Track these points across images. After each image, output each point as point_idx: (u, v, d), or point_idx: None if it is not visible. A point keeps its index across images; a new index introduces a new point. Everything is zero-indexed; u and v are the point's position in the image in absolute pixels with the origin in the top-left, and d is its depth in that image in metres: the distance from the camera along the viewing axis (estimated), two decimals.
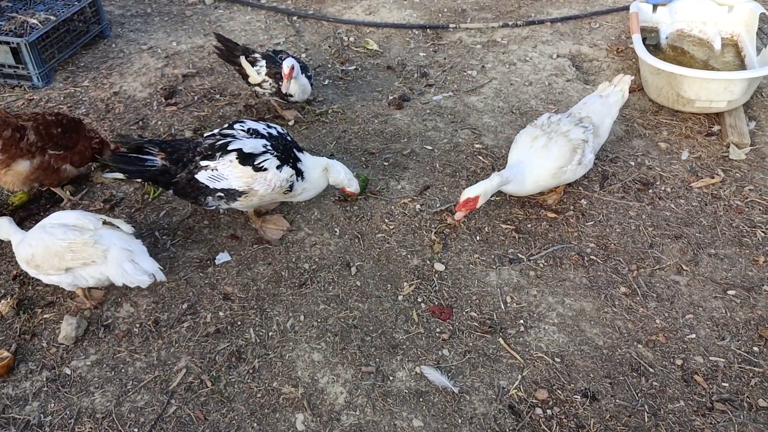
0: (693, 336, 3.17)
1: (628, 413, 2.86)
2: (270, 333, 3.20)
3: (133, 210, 3.89)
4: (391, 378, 3.00)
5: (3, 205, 3.89)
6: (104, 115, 4.69)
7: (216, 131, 3.50)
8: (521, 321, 3.25)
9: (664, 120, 4.62)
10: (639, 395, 2.93)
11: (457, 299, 3.36)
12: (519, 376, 3.00)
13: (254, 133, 3.45)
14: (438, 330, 3.21)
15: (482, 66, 5.29)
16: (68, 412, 2.87)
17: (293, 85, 4.24)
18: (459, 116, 4.72)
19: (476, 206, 3.48)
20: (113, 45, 5.55)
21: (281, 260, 3.58)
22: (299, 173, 3.46)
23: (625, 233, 3.73)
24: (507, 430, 2.80)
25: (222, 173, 3.31)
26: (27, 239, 3.09)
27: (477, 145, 4.41)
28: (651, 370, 3.02)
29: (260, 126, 3.51)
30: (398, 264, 3.56)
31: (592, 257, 3.58)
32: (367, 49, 5.54)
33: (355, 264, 3.55)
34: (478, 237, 3.71)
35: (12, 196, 3.91)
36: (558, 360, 3.07)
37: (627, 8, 5.76)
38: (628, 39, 5.52)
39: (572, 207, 3.90)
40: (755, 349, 3.11)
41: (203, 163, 3.32)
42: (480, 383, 2.98)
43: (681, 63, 4.64)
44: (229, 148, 3.32)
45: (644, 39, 4.71)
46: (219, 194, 3.36)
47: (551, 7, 6.15)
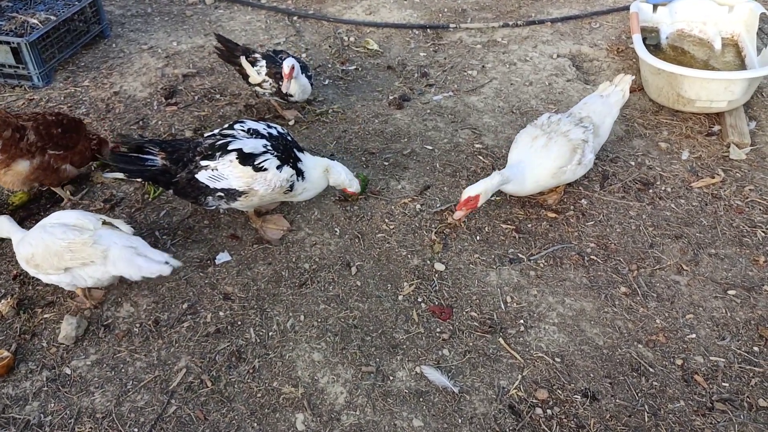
0: (693, 336, 3.17)
1: (628, 413, 2.86)
2: (270, 333, 3.20)
3: (133, 210, 3.89)
4: (391, 378, 3.00)
5: (3, 205, 3.89)
6: (104, 115, 4.69)
7: (216, 131, 3.50)
8: (521, 321, 3.25)
9: (665, 120, 4.62)
10: (639, 395, 2.92)
11: (458, 299, 3.36)
12: (519, 376, 3.00)
13: (254, 133, 3.45)
14: (438, 330, 3.21)
15: (482, 66, 5.29)
16: (68, 412, 2.87)
17: (293, 85, 4.24)
18: (459, 116, 4.72)
19: (477, 205, 3.48)
20: (113, 45, 5.55)
21: (281, 260, 3.58)
22: (299, 173, 3.46)
23: (626, 233, 3.73)
24: (507, 430, 2.80)
25: (222, 173, 3.31)
26: (27, 238, 3.09)
27: (477, 145, 4.41)
28: (651, 370, 3.02)
29: (260, 126, 3.51)
30: (398, 264, 3.56)
31: (593, 257, 3.58)
32: (368, 49, 5.54)
33: (356, 264, 3.55)
34: (479, 237, 3.71)
35: (12, 196, 3.91)
36: (558, 360, 3.07)
37: (627, 8, 5.76)
38: (629, 39, 5.52)
39: (572, 207, 3.90)
40: (755, 349, 3.11)
41: (203, 163, 3.32)
42: (480, 383, 2.98)
43: (681, 63, 4.64)
44: (230, 148, 3.32)
45: (644, 39, 4.71)
46: (219, 194, 3.36)
47: (551, 7, 6.15)
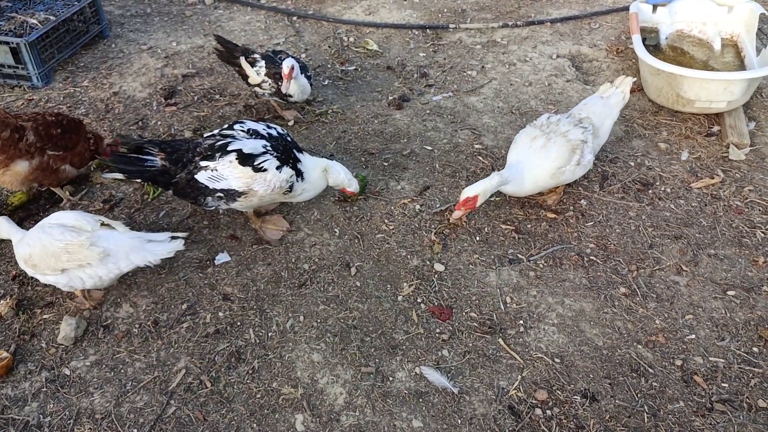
0: (693, 336, 3.17)
1: (628, 414, 2.86)
2: (269, 333, 3.20)
3: (133, 210, 3.89)
4: (391, 378, 3.00)
5: (2, 205, 3.89)
6: (104, 115, 4.68)
7: (216, 131, 3.50)
8: (521, 321, 3.25)
9: (664, 120, 4.62)
10: (639, 396, 2.92)
11: (457, 300, 3.36)
12: (519, 377, 3.00)
13: (254, 134, 3.44)
14: (438, 330, 3.21)
15: (482, 66, 5.29)
16: (67, 413, 2.86)
17: (293, 86, 4.24)
18: (459, 116, 4.72)
19: (476, 206, 3.48)
20: (113, 45, 5.54)
21: (281, 261, 3.58)
22: (299, 174, 3.46)
23: (625, 234, 3.73)
24: (507, 431, 2.80)
25: (222, 174, 3.31)
26: (26, 239, 3.10)
27: (477, 146, 4.41)
28: (651, 371, 3.02)
29: (260, 126, 3.50)
30: (398, 264, 3.55)
31: (592, 258, 3.58)
32: (367, 50, 5.53)
33: (355, 264, 3.55)
34: (478, 237, 3.71)
35: (11, 196, 3.91)
36: (558, 360, 3.07)
37: (627, 8, 5.76)
38: (628, 39, 5.52)
39: (572, 207, 3.90)
40: (755, 350, 3.11)
41: (203, 164, 3.32)
42: (480, 384, 2.98)
43: (681, 63, 4.64)
44: (229, 149, 3.31)
45: (644, 39, 4.71)
46: (219, 194, 3.36)
47: (551, 8, 6.15)
